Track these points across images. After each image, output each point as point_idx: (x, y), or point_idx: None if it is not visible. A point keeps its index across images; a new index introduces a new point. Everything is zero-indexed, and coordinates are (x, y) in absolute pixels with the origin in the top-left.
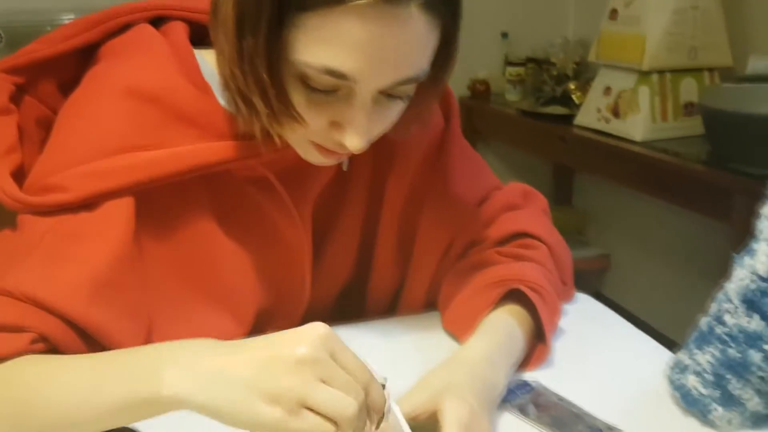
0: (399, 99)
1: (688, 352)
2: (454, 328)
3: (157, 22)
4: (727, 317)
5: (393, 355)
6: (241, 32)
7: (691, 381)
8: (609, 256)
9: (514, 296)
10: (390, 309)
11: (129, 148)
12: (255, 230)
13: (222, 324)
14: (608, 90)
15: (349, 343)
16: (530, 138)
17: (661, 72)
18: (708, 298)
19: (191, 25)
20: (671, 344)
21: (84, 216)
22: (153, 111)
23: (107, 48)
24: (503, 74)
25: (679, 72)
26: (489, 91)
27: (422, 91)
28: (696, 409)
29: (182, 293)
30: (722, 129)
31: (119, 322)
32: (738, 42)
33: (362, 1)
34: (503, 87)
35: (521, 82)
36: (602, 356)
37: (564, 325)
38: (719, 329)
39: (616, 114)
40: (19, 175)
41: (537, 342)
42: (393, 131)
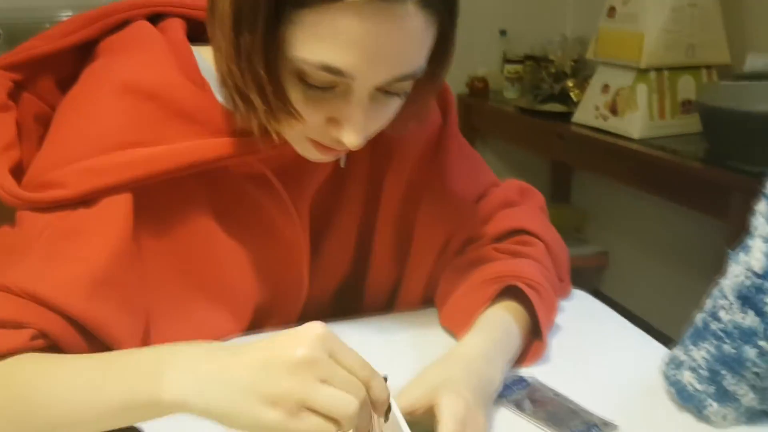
0: (396, 96)
1: (684, 348)
2: (451, 325)
3: (155, 19)
4: (722, 313)
5: (390, 352)
6: (238, 29)
7: (687, 377)
8: (607, 254)
9: (511, 293)
10: (387, 305)
11: (127, 145)
12: (253, 227)
13: (220, 320)
14: (606, 88)
15: (347, 340)
16: (528, 135)
17: (659, 70)
18: (705, 295)
19: (189, 22)
20: (670, 341)
21: (82, 212)
22: (151, 107)
23: (105, 45)
24: (502, 72)
25: (677, 70)
26: (487, 89)
27: (419, 88)
28: (691, 405)
29: (180, 290)
30: (720, 126)
31: (118, 318)
32: (736, 39)
33: None
34: (502, 84)
35: (519, 80)
36: (598, 352)
37: (561, 322)
38: (714, 325)
39: (614, 111)
40: (18, 172)
41: (533, 338)
42: (390, 128)
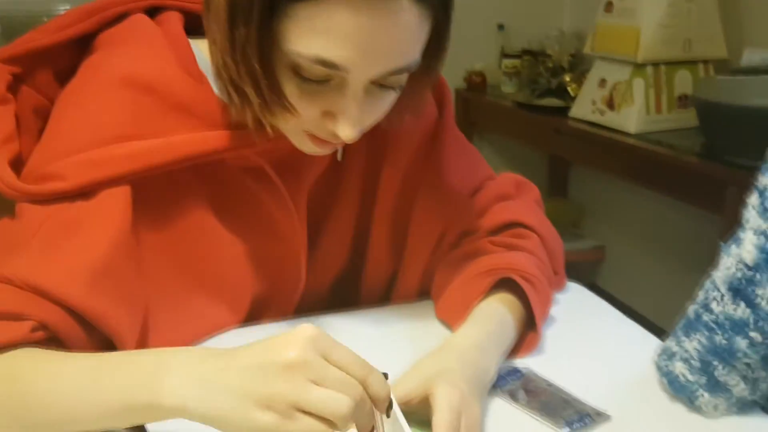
0: (391, 89)
1: (676, 340)
2: (447, 317)
3: (153, 12)
4: (714, 305)
5: (387, 344)
6: (233, 22)
7: (679, 368)
8: (604, 248)
9: (506, 285)
10: (384, 298)
11: (125, 138)
12: (250, 220)
13: (217, 312)
14: (603, 82)
15: (343, 332)
16: (526, 130)
17: (656, 64)
18: (698, 288)
19: (186, 15)
20: (666, 335)
21: (81, 204)
22: (149, 100)
23: (103, 38)
24: (499, 66)
25: (674, 64)
26: (485, 83)
27: (414, 81)
28: (683, 395)
29: (177, 282)
30: (716, 121)
31: (117, 309)
32: (733, 34)
33: None
34: (499, 79)
35: (517, 74)
36: (592, 344)
37: (555, 314)
38: (706, 317)
39: (611, 106)
40: (17, 164)
41: (528, 330)
42: (386, 121)
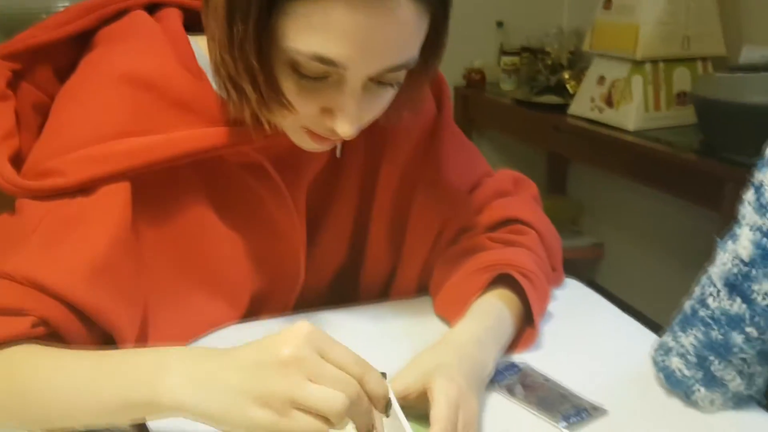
0: (389, 86)
1: (672, 335)
2: (445, 313)
3: (152, 9)
4: (710, 300)
5: (385, 340)
6: (232, 18)
7: (675, 362)
8: (603, 245)
9: (505, 281)
10: (383, 294)
11: (125, 134)
12: (249, 216)
13: (216, 308)
14: (602, 79)
15: (342, 328)
16: (525, 127)
17: (655, 61)
18: (694, 283)
19: (185, 12)
20: (664, 331)
21: (81, 200)
22: (148, 97)
23: (103, 34)
24: (498, 63)
25: (673, 61)
26: (484, 80)
27: (412, 78)
28: (679, 390)
29: (177, 278)
30: (715, 118)
31: (117, 305)
32: (731, 31)
33: None
34: (498, 76)
35: (516, 72)
36: (589, 339)
37: (553, 310)
38: (702, 312)
39: (610, 103)
40: (17, 161)
41: (526, 325)
42: (384, 117)
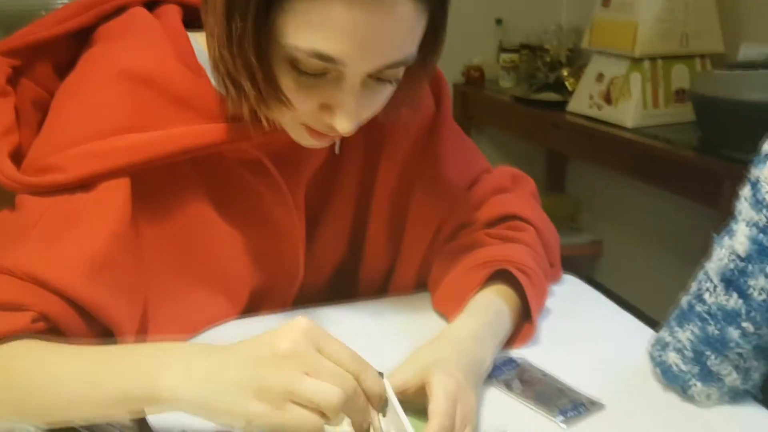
0: (388, 82)
1: (669, 330)
2: (444, 308)
3: (151, 6)
4: (707, 296)
5: (384, 335)
6: (230, 14)
7: (672, 357)
8: (601, 243)
9: (503, 277)
10: (382, 290)
11: (124, 130)
12: (248, 212)
13: (215, 304)
14: (601, 77)
15: (341, 324)
16: (524, 124)
17: (653, 59)
18: (691, 279)
19: (184, 8)
20: (660, 327)
21: (81, 196)
22: (148, 93)
23: (102, 31)
24: (497, 61)
25: (671, 59)
26: (483, 78)
27: (411, 75)
28: (676, 385)
29: (176, 274)
30: (713, 115)
31: (117, 300)
32: (730, 29)
33: None
34: (497, 73)
35: (515, 69)
36: (587, 335)
37: (551, 306)
38: (699, 307)
39: (608, 101)
40: (17, 157)
41: (524, 321)
42: (383, 114)
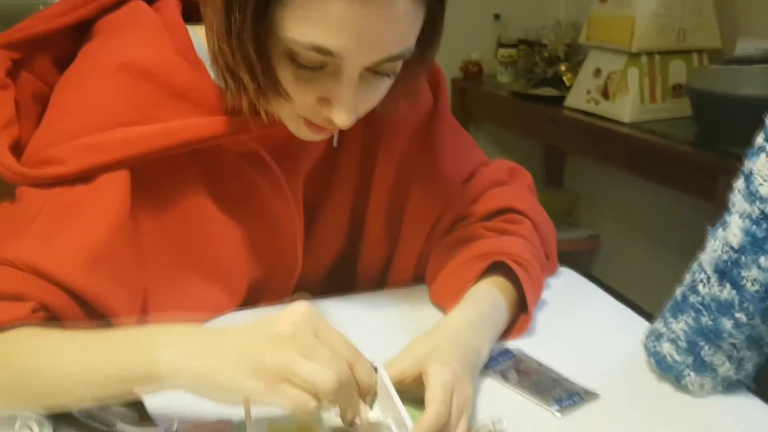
0: (386, 76)
1: (663, 321)
2: (441, 300)
3: None
4: (701, 287)
5: (382, 328)
6: (230, 8)
7: (666, 348)
8: (599, 237)
9: (499, 269)
10: (379, 283)
11: (123, 123)
12: (247, 205)
13: (214, 296)
14: (598, 72)
15: (339, 316)
16: (521, 120)
17: (650, 54)
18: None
19: (184, 1)
20: (655, 319)
21: (81, 188)
22: (147, 86)
23: (101, 24)
24: (495, 56)
25: (668, 54)
26: (481, 73)
27: (409, 68)
28: (670, 375)
29: (175, 266)
30: (710, 110)
31: (116, 291)
32: (727, 24)
33: None
34: (495, 68)
35: (513, 64)
36: (583, 326)
37: (547, 298)
38: (693, 298)
39: (606, 96)
40: (17, 149)
41: (520, 313)
42: (381, 107)
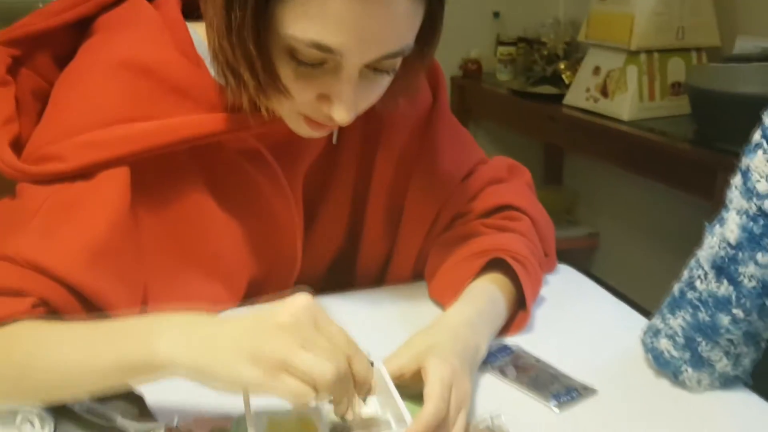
0: (385, 73)
1: (661, 317)
2: (440, 297)
3: None
4: (698, 283)
5: (381, 324)
6: (230, 5)
7: (664, 344)
8: (598, 235)
9: (498, 266)
10: (379, 279)
11: (123, 120)
12: (246, 202)
13: (214, 293)
14: (597, 70)
15: (339, 313)
16: (521, 117)
17: (649, 52)
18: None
19: None
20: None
21: (81, 185)
22: (147, 83)
23: (102, 21)
24: (495, 54)
25: (667, 52)
26: (480, 71)
27: (408, 65)
28: (668, 370)
29: (175, 263)
30: (709, 108)
31: (116, 288)
32: (725, 22)
33: None
34: (495, 66)
35: (512, 62)
36: (581, 323)
37: (545, 294)
38: (690, 294)
39: (605, 94)
40: (17, 146)
41: (518, 309)
42: (380, 104)
